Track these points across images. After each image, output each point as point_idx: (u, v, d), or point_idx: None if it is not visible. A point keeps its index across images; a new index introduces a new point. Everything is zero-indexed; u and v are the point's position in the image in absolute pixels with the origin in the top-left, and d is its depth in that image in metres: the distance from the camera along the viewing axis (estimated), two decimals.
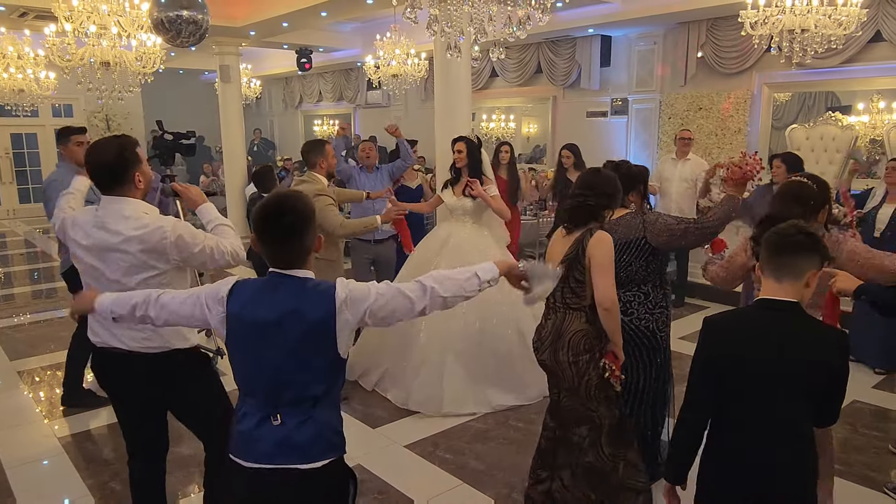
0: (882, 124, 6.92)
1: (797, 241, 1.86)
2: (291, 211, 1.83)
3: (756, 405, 1.86)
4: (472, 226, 4.53)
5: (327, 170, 4.14)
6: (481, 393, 4.21)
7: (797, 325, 1.87)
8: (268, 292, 1.86)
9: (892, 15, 6.48)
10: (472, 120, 10.90)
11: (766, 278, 1.91)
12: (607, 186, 2.76)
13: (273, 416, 1.83)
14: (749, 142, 7.88)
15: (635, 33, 8.80)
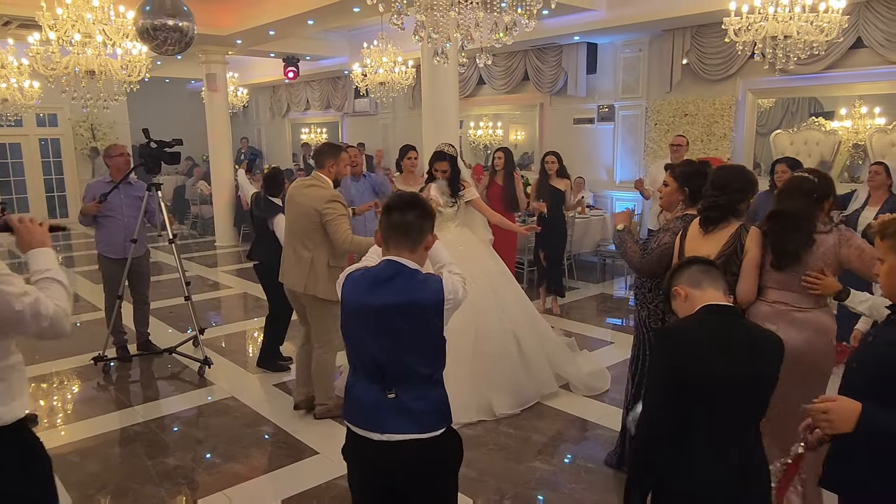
0: (864, 129, 7.02)
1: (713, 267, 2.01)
2: (422, 204, 2.08)
3: (725, 409, 1.83)
4: (456, 229, 4.56)
5: (336, 175, 4.06)
6: (484, 399, 4.18)
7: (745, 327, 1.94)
8: (384, 280, 2.03)
9: (872, 21, 6.57)
10: (460, 128, 10.98)
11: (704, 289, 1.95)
12: (735, 182, 2.88)
13: (388, 390, 2.02)
14: (734, 147, 7.96)
15: (621, 40, 8.87)
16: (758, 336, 1.94)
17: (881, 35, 6.54)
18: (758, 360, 1.87)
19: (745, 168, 3.08)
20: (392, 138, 12.76)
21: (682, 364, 1.82)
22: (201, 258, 10.16)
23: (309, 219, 3.91)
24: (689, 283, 1.98)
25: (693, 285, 1.97)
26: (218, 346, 5.75)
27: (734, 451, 1.84)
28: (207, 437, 4.06)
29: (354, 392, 2.11)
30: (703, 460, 1.83)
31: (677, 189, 3.21)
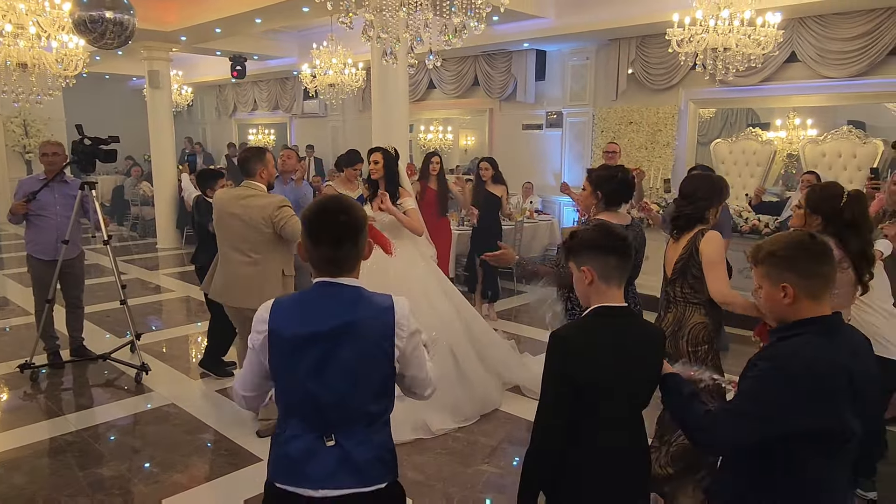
0: (797, 140, 7.33)
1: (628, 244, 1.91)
2: (347, 211, 1.75)
3: (615, 409, 1.85)
4: (393, 241, 4.27)
5: (268, 179, 3.86)
6: (418, 419, 4.00)
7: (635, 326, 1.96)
8: (319, 304, 1.74)
9: (805, 37, 6.88)
10: (411, 131, 10.96)
11: (609, 285, 1.87)
12: (702, 191, 2.95)
13: (327, 436, 1.72)
14: (677, 155, 8.19)
15: (569, 48, 9.03)
16: (646, 334, 1.97)
17: (813, 50, 6.85)
18: (645, 357, 1.90)
19: (711, 175, 3.18)
20: (342, 141, 12.64)
21: (573, 369, 1.79)
22: (142, 260, 9.82)
23: (256, 231, 3.70)
24: (601, 272, 1.87)
25: (604, 278, 1.87)
26: (158, 351, 5.56)
27: (622, 445, 1.88)
28: (145, 445, 3.91)
29: (283, 443, 1.76)
30: (594, 457, 1.85)
31: (591, 193, 3.24)
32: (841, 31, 6.65)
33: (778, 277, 1.70)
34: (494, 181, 6.52)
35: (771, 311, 1.78)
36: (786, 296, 1.69)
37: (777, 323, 1.77)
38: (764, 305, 1.80)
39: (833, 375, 1.61)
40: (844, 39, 6.65)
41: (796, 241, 1.73)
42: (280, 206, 3.69)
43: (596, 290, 1.89)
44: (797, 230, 1.94)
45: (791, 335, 1.69)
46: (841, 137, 6.89)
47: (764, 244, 1.79)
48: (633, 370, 1.85)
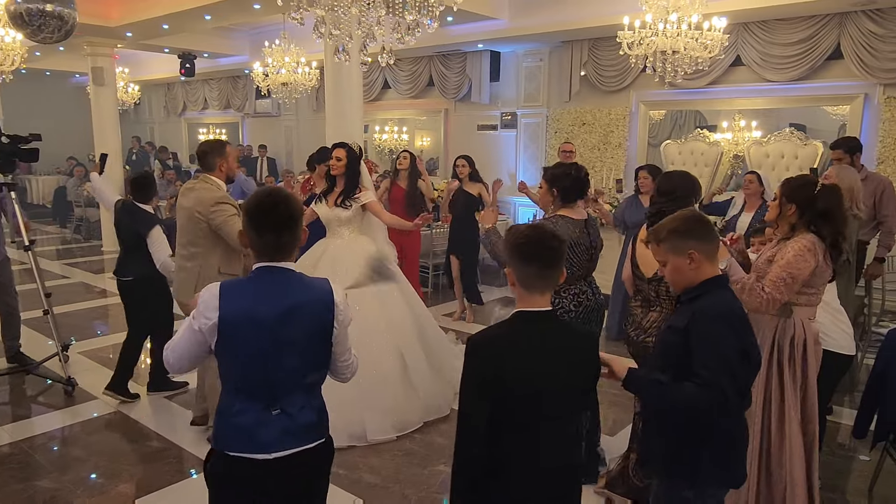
0: (743, 141, 7.56)
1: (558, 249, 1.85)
2: (286, 201, 1.90)
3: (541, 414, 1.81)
4: (350, 236, 4.30)
5: (227, 174, 3.76)
6: (357, 424, 3.87)
7: (560, 329, 1.91)
8: (269, 289, 1.89)
9: (749, 41, 7.10)
10: (366, 132, 10.88)
11: (530, 292, 1.84)
12: (681, 189, 3.03)
13: (273, 407, 1.90)
14: (628, 156, 8.35)
15: (523, 50, 9.11)
16: (572, 338, 1.92)
17: (757, 54, 7.07)
18: (573, 362, 1.85)
19: (687, 173, 3.20)
20: (296, 141, 12.47)
21: (492, 374, 1.76)
22: (86, 264, 9.48)
23: (194, 223, 3.62)
24: (520, 278, 1.84)
25: (526, 287, 1.84)
26: (104, 357, 5.37)
27: (552, 453, 1.84)
28: (89, 455, 3.76)
29: (232, 416, 1.91)
30: (521, 465, 1.81)
31: (548, 190, 3.30)
32: (782, 36, 6.89)
33: (683, 247, 2.01)
34: (471, 179, 6.44)
35: (678, 281, 2.07)
36: (692, 261, 2.01)
37: (682, 290, 2.07)
38: (671, 277, 2.09)
39: (742, 315, 2.01)
40: (786, 44, 6.89)
41: (689, 215, 2.10)
42: (217, 202, 3.57)
43: (518, 294, 1.87)
44: (684, 210, 2.11)
45: (701, 294, 2.02)
46: (783, 139, 7.13)
47: (662, 225, 2.09)
48: (557, 375, 1.81)
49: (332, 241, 4.34)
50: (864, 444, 3.50)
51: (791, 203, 2.74)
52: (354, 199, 4.23)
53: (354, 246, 4.27)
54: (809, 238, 2.67)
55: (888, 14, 6.27)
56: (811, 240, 2.66)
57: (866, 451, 3.64)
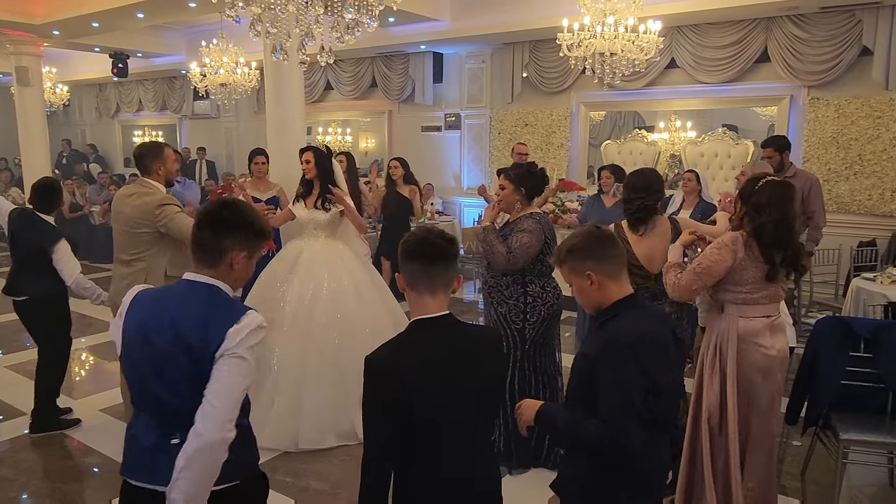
0: (679, 141, 7.80)
1: (443, 247, 1.75)
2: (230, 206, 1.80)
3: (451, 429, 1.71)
4: (326, 239, 4.26)
5: (166, 176, 3.64)
6: (347, 423, 3.90)
7: (462, 334, 1.79)
8: (170, 302, 1.74)
9: (683, 44, 7.33)
10: (309, 133, 10.73)
11: (419, 293, 1.74)
12: (656, 184, 3.20)
13: (172, 435, 1.71)
14: (570, 156, 8.50)
15: (465, 51, 9.16)
16: (477, 342, 1.81)
17: (690, 57, 7.31)
18: (481, 368, 1.76)
19: (653, 169, 3.40)
20: (236, 143, 12.18)
21: (396, 395, 1.64)
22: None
23: (135, 233, 3.54)
24: (407, 279, 1.76)
25: (410, 285, 1.76)
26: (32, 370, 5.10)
27: (465, 469, 1.74)
28: (18, 475, 3.57)
29: (133, 438, 1.78)
30: (433, 485, 1.71)
31: (514, 191, 3.37)
32: (714, 39, 7.14)
33: (581, 268, 1.90)
34: (405, 181, 6.44)
35: (587, 303, 1.96)
36: (592, 282, 1.89)
37: (593, 312, 1.96)
38: (579, 299, 1.98)
39: (657, 339, 1.84)
40: (717, 47, 7.14)
41: (586, 233, 1.96)
42: (160, 204, 3.49)
43: (410, 301, 1.76)
44: (585, 227, 2.04)
45: (610, 318, 1.89)
46: (717, 139, 7.40)
47: (562, 245, 1.98)
48: (465, 385, 1.71)
49: (309, 244, 4.29)
50: (795, 430, 3.65)
51: (740, 199, 2.81)
52: (334, 203, 4.18)
53: (330, 254, 4.24)
54: (731, 235, 2.70)
55: (811, 19, 6.58)
56: (733, 236, 2.69)
57: (798, 437, 3.80)
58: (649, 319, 1.90)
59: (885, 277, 4.78)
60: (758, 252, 2.66)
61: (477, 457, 1.77)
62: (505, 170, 3.53)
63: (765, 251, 2.65)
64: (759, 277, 2.69)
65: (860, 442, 3.17)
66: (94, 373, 5.34)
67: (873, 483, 3.56)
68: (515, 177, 3.37)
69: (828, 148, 6.74)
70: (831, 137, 6.71)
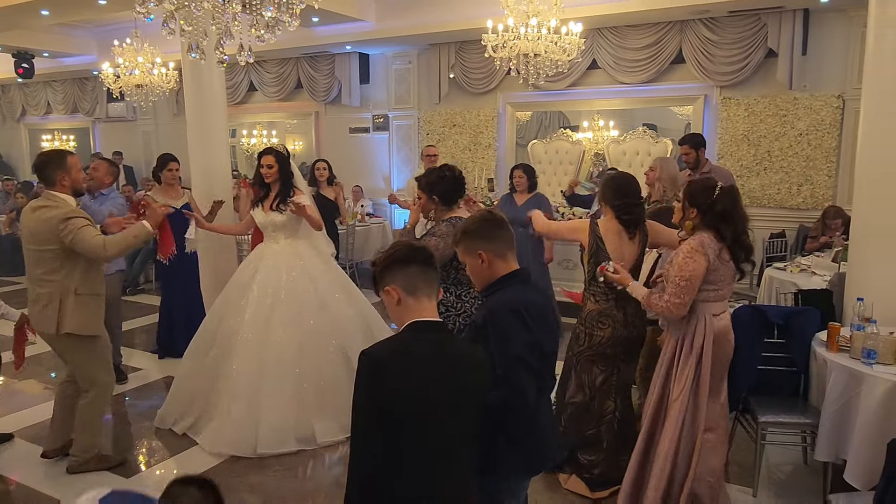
0: (602, 140, 8.03)
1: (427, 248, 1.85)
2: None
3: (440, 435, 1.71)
4: (286, 241, 4.20)
5: (72, 186, 3.43)
6: (307, 427, 3.85)
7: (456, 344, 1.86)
8: None
9: (603, 46, 7.54)
10: (233, 136, 10.44)
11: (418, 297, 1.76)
12: (638, 188, 3.34)
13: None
14: (498, 156, 8.59)
15: (391, 52, 9.12)
16: (466, 354, 1.84)
17: (611, 58, 7.53)
18: (470, 379, 1.78)
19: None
20: (155, 146, 11.68)
21: (388, 395, 1.63)
22: None
23: (43, 246, 3.33)
24: (404, 285, 1.76)
25: (408, 290, 1.76)
26: None
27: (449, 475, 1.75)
28: None
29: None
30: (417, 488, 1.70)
31: (428, 199, 3.34)
32: (632, 41, 7.39)
33: (474, 247, 2.09)
34: (329, 184, 6.43)
35: (478, 280, 2.15)
36: (483, 261, 2.08)
37: (483, 288, 2.14)
38: (472, 278, 2.17)
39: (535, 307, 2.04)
40: (635, 49, 7.39)
41: (480, 216, 2.18)
42: (65, 217, 3.28)
43: (404, 308, 1.77)
44: (478, 212, 2.21)
45: (496, 290, 2.09)
46: (638, 137, 7.66)
47: (458, 228, 2.17)
48: (454, 392, 1.72)
49: (269, 247, 4.24)
50: None
51: (693, 207, 2.91)
52: (290, 202, 4.11)
53: (291, 256, 4.18)
54: (697, 239, 2.84)
55: (721, 22, 6.90)
56: (698, 240, 2.83)
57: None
58: (532, 291, 2.14)
59: (794, 266, 5.07)
60: (725, 253, 2.85)
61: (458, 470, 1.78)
62: (419, 178, 3.48)
63: (732, 251, 2.86)
64: (729, 275, 2.90)
65: (776, 423, 3.34)
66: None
67: (789, 461, 3.76)
68: (427, 185, 3.33)
69: (739, 145, 7.09)
70: (742, 135, 7.06)
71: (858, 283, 3.67)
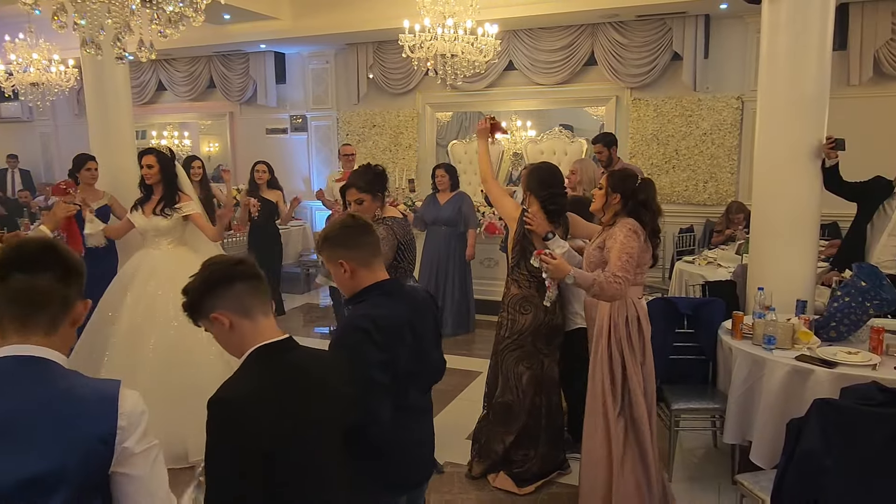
0: (521, 140, 8.18)
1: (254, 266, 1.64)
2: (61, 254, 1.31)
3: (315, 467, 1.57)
4: (169, 247, 3.97)
5: None
6: (177, 443, 3.56)
7: (308, 358, 1.65)
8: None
9: (519, 48, 7.68)
10: (143, 137, 9.96)
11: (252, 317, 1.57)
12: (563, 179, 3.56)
13: None
14: (419, 157, 8.59)
15: (308, 51, 8.95)
16: (325, 369, 1.69)
17: (527, 60, 7.68)
18: (335, 395, 1.65)
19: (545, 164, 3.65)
20: (55, 149, 11.01)
21: (254, 438, 1.43)
22: None
23: None
24: (234, 308, 1.54)
25: (240, 313, 1.55)
26: None
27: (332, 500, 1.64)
28: None
29: None
30: None
31: (372, 198, 3.24)
32: (546, 43, 7.56)
33: (335, 256, 1.95)
34: (269, 186, 6.29)
35: (344, 289, 2.02)
36: (345, 270, 1.94)
37: (350, 296, 2.01)
38: (339, 285, 2.03)
39: (388, 323, 1.91)
40: (550, 51, 7.57)
41: (341, 223, 2.01)
42: None
43: (240, 334, 1.56)
44: (339, 217, 2.08)
45: (358, 302, 1.98)
46: (554, 137, 7.85)
47: (321, 234, 2.02)
48: (321, 413, 1.58)
49: (150, 253, 3.99)
50: None
51: (616, 193, 3.00)
52: (177, 209, 3.91)
53: (176, 264, 3.88)
54: (632, 220, 2.96)
55: (630, 26, 7.17)
56: (633, 221, 2.95)
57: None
58: (390, 303, 1.97)
59: (702, 259, 5.33)
60: (646, 238, 2.98)
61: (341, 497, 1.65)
62: (354, 184, 3.29)
63: (651, 238, 2.99)
64: (648, 259, 3.03)
65: (688, 410, 3.50)
66: None
67: (701, 446, 3.94)
68: (368, 185, 3.21)
69: (650, 144, 7.39)
70: (652, 135, 7.36)
71: (759, 274, 3.90)
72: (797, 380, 2.97)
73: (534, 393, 3.42)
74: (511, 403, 3.43)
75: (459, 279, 6.11)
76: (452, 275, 6.08)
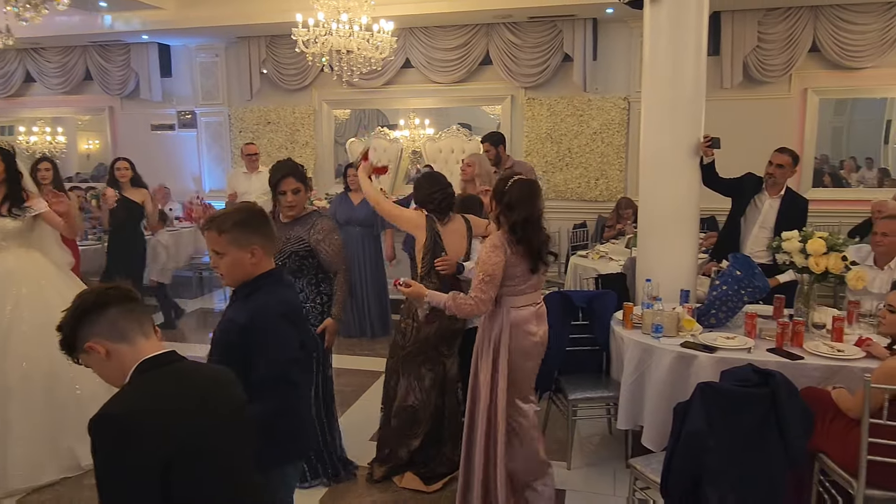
0: (419, 138, 8.17)
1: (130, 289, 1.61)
2: None
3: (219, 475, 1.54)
4: (19, 250, 3.67)
5: None
6: (64, 450, 3.46)
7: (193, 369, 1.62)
8: None
9: (416, 45, 7.68)
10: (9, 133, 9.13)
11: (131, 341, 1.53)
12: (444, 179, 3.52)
13: None
14: (317, 154, 8.41)
15: (195, 44, 8.52)
16: (210, 376, 1.66)
17: (423, 58, 7.70)
18: (227, 400, 1.61)
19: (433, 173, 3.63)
20: None
21: (152, 453, 1.38)
22: None
23: None
24: (109, 336, 1.50)
25: (116, 338, 1.51)
26: None
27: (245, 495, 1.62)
28: None
29: None
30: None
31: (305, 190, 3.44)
32: (443, 42, 7.61)
33: (247, 241, 1.98)
34: (133, 184, 5.74)
35: (236, 274, 2.03)
36: (253, 256, 1.99)
37: (237, 284, 2.05)
38: (228, 270, 2.02)
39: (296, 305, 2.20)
40: (446, 49, 7.62)
41: (254, 210, 2.06)
42: None
43: (119, 360, 1.51)
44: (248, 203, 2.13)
45: (257, 289, 2.02)
46: (452, 135, 7.89)
47: (226, 216, 2.01)
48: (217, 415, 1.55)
49: (0, 256, 3.65)
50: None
51: (494, 200, 2.88)
52: (26, 207, 3.62)
53: (29, 267, 3.66)
54: (497, 234, 2.84)
55: (522, 27, 7.35)
56: (498, 235, 2.83)
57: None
58: (288, 291, 2.16)
59: (594, 254, 5.54)
60: (518, 247, 2.80)
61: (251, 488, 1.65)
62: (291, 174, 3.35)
63: (523, 246, 2.80)
64: (525, 270, 2.84)
65: (584, 399, 3.62)
66: None
67: (597, 433, 4.09)
68: (303, 176, 3.39)
69: (544, 143, 7.60)
70: (546, 133, 7.58)
71: (646, 266, 4.10)
72: (682, 365, 3.15)
73: (437, 395, 3.44)
74: (415, 407, 3.42)
75: (374, 282, 5.95)
76: (367, 278, 5.90)
